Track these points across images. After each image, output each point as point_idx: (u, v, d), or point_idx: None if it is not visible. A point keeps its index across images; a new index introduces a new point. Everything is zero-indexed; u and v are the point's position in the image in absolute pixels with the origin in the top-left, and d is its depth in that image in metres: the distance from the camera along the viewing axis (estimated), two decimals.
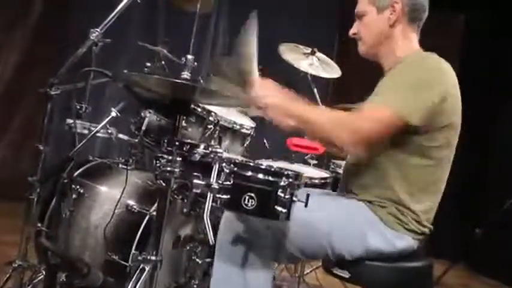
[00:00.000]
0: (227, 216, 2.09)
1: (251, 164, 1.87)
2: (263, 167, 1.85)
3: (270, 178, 1.81)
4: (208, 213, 1.82)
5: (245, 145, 3.01)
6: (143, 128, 2.76)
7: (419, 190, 2.10)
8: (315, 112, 2.09)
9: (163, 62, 3.48)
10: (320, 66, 3.66)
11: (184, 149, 1.95)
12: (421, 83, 2.03)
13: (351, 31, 2.29)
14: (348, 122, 2.01)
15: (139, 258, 2.03)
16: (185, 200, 2.56)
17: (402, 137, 2.04)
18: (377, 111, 2.00)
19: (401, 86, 2.04)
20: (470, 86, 2.16)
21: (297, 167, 2.78)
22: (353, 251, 2.07)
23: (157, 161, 1.94)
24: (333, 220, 2.08)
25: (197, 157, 1.93)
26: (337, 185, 2.40)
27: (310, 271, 3.70)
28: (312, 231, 2.05)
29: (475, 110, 2.10)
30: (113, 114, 2.75)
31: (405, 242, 2.10)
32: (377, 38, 2.23)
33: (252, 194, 1.78)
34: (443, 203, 2.20)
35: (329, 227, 2.05)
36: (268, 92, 2.11)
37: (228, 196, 1.81)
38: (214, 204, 1.82)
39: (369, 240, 2.06)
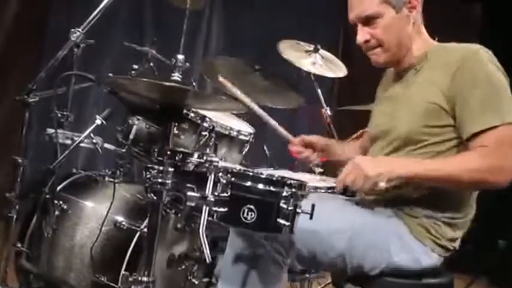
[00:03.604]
0: (231, 234, 2.09)
1: (250, 173, 1.87)
2: (263, 176, 1.85)
3: (271, 188, 1.82)
4: (204, 228, 1.82)
5: (243, 153, 3.01)
6: (131, 136, 2.77)
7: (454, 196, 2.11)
8: (447, 168, 1.99)
9: (151, 64, 3.49)
10: (324, 64, 3.67)
11: (177, 158, 1.96)
12: (499, 79, 2.03)
13: (362, 38, 2.19)
14: (496, 164, 1.94)
15: (130, 279, 2.04)
16: (179, 215, 2.56)
17: (441, 132, 2.07)
18: (504, 135, 1.97)
19: (491, 94, 2.00)
20: None
21: (301, 176, 2.78)
22: (375, 265, 2.07)
23: (148, 173, 1.95)
24: (356, 227, 2.08)
25: (191, 167, 1.94)
26: (344, 194, 2.41)
27: None
28: (332, 236, 2.05)
29: None
30: (98, 122, 2.76)
31: (431, 260, 2.11)
32: (401, 42, 2.18)
33: (252, 206, 1.78)
34: None
35: (351, 233, 2.06)
36: (376, 168, 1.98)
37: (226, 209, 1.82)
38: (210, 218, 1.83)
39: (392, 254, 2.07)
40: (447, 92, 2.04)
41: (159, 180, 1.94)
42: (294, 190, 1.82)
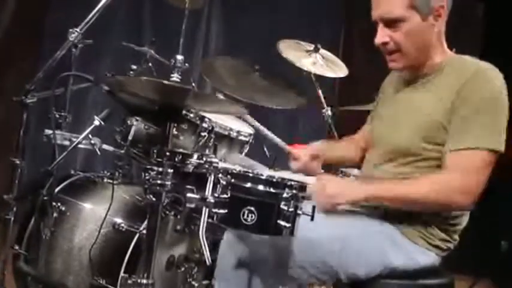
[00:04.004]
0: (227, 236, 2.09)
1: (250, 174, 1.87)
2: (263, 177, 1.85)
3: (272, 190, 1.82)
4: (204, 230, 1.82)
5: (243, 154, 3.01)
6: (130, 137, 2.76)
7: None
8: (408, 187, 2.04)
9: (150, 64, 3.49)
10: (324, 64, 3.67)
11: (176, 159, 1.96)
12: (496, 104, 2.02)
13: (380, 40, 2.14)
14: (456, 185, 1.98)
15: (129, 281, 2.03)
16: (178, 216, 2.57)
17: (438, 149, 2.07)
18: (475, 159, 1.99)
19: (481, 117, 2.00)
20: None
21: (302, 177, 2.78)
22: (370, 270, 2.07)
23: (147, 174, 1.95)
24: (345, 236, 2.08)
25: (190, 168, 1.94)
26: None
27: None
28: (319, 250, 2.04)
29: None
30: (96, 122, 2.76)
31: (428, 258, 2.12)
32: (421, 49, 2.14)
33: (252, 208, 1.78)
34: None
35: (341, 245, 2.06)
36: (338, 191, 2.05)
37: (226, 211, 1.82)
38: (210, 220, 1.83)
39: (389, 258, 2.07)
40: (449, 108, 2.04)
41: (158, 181, 1.93)
42: (294, 191, 1.82)
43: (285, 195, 1.81)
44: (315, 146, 2.53)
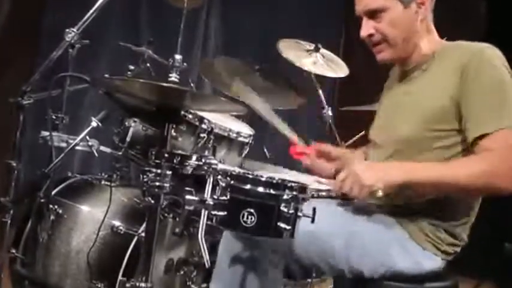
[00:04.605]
0: (226, 236, 2.09)
1: (250, 176, 1.87)
2: (263, 179, 1.84)
3: (272, 191, 1.82)
4: (203, 232, 1.82)
5: (243, 155, 3.01)
6: (128, 139, 2.76)
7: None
8: (447, 172, 1.95)
9: (148, 64, 3.49)
10: (325, 64, 3.66)
11: (175, 161, 1.96)
12: (505, 80, 1.98)
13: (365, 32, 2.17)
14: (496, 168, 1.90)
15: (128, 285, 2.03)
16: (177, 219, 2.57)
17: (446, 136, 2.04)
18: (506, 138, 1.92)
19: (497, 97, 1.96)
20: None
21: (302, 178, 2.78)
22: (374, 269, 2.06)
23: (145, 176, 1.95)
24: (352, 230, 2.08)
25: (189, 170, 1.94)
26: (346, 197, 2.41)
27: None
28: (329, 240, 2.05)
29: None
30: (94, 124, 2.76)
31: (434, 263, 2.10)
32: (408, 38, 2.14)
33: (252, 210, 1.78)
34: None
35: (346, 240, 2.06)
36: (374, 177, 1.95)
37: (225, 213, 1.82)
38: (209, 222, 1.82)
39: (393, 259, 2.06)
40: (454, 94, 2.01)
41: (157, 183, 1.93)
42: (294, 193, 1.82)
43: (285, 197, 1.81)
44: (325, 146, 2.48)
